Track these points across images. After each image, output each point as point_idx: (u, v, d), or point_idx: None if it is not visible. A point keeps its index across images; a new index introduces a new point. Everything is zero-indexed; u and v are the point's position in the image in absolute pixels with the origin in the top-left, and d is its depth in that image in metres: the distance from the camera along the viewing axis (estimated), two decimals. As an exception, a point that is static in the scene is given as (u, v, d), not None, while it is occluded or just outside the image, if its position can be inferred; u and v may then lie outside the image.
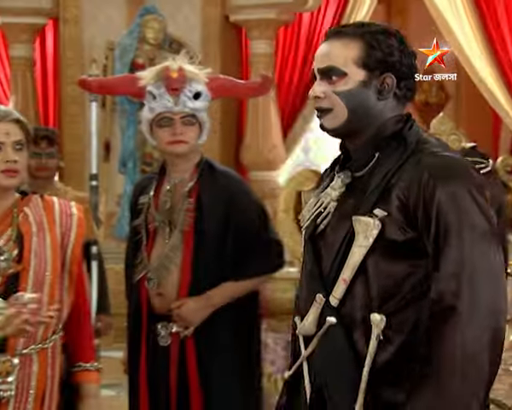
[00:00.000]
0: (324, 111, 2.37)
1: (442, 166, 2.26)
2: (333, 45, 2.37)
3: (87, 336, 3.15)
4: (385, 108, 2.37)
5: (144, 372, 3.69)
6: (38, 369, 2.93)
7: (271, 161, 8.09)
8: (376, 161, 2.34)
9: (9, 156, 2.92)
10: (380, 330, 2.25)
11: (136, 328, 3.72)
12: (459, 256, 2.20)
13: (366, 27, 2.39)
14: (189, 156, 3.72)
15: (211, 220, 3.67)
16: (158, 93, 3.65)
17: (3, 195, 2.98)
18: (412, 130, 2.36)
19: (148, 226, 3.74)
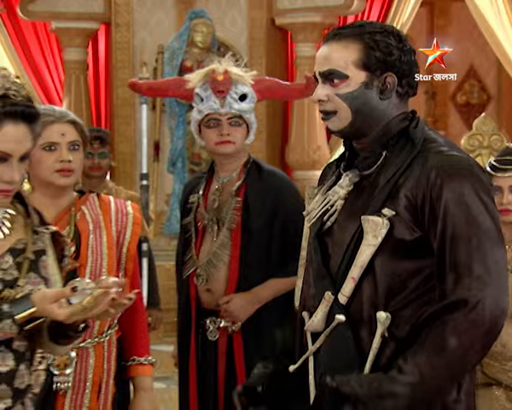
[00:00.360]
0: (329, 114, 2.35)
1: (449, 165, 2.24)
2: (332, 48, 2.34)
3: (141, 330, 3.17)
4: (388, 107, 2.35)
5: (194, 366, 3.72)
6: (95, 362, 2.96)
7: (316, 160, 8.08)
8: (384, 160, 2.33)
9: (64, 156, 2.95)
10: (385, 328, 2.24)
11: (186, 323, 3.74)
12: (466, 255, 2.17)
13: (364, 28, 2.36)
14: (237, 156, 3.73)
15: (258, 219, 3.68)
16: (205, 95, 3.69)
17: (60, 193, 3.01)
18: (418, 127, 2.34)
19: (198, 224, 3.76)
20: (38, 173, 2.97)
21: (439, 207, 2.21)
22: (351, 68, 2.31)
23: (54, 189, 2.98)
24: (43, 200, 2.96)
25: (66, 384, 2.90)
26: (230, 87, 3.67)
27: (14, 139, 2.22)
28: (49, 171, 2.95)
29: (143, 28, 8.40)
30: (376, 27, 2.35)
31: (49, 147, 2.95)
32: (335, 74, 2.31)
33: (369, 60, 2.31)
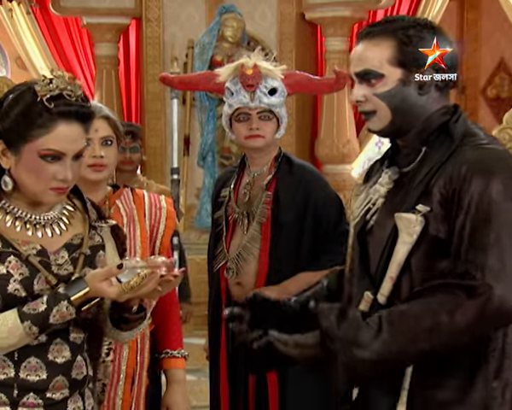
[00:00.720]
0: (368, 114, 2.30)
1: (481, 160, 2.18)
2: (365, 47, 2.28)
3: (174, 324, 3.18)
4: (428, 102, 2.28)
5: (224, 358, 3.71)
6: (128, 354, 2.97)
7: (345, 154, 8.06)
8: (423, 156, 2.27)
9: (96, 152, 2.96)
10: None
11: (216, 316, 3.73)
12: (483, 249, 2.12)
13: (396, 23, 2.29)
14: (267, 150, 3.72)
15: (288, 212, 3.67)
16: (235, 89, 3.67)
17: (93, 188, 3.01)
18: (459, 122, 2.27)
19: (228, 218, 3.75)
20: None
21: (465, 199, 2.15)
22: (386, 67, 2.25)
23: (87, 183, 2.97)
24: None
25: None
26: (260, 81, 3.65)
27: (67, 139, 2.24)
28: (81, 166, 2.95)
29: (174, 23, 8.40)
30: (409, 22, 2.29)
31: None
32: (371, 74, 2.26)
33: (403, 56, 2.25)
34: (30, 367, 2.26)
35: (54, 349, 2.29)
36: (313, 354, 2.21)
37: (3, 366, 2.24)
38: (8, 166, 2.26)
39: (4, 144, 2.25)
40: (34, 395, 2.26)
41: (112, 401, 2.92)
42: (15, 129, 2.22)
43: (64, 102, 2.20)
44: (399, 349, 2.14)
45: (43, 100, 2.19)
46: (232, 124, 3.73)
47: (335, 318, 2.16)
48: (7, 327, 2.20)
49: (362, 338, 2.13)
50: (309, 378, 3.66)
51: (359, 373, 2.17)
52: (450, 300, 2.11)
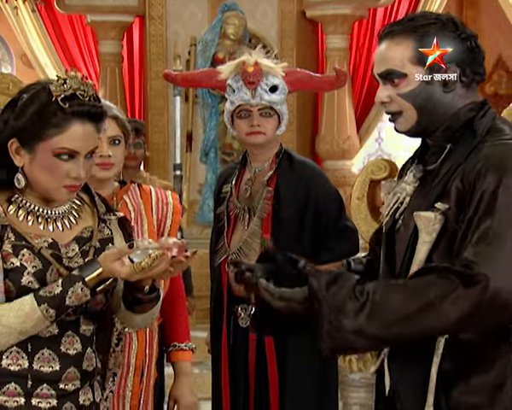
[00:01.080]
0: (395, 114, 2.25)
1: (498, 156, 2.12)
2: (387, 48, 2.22)
3: (182, 317, 3.20)
4: (454, 99, 2.22)
5: (225, 351, 3.72)
6: (137, 347, 2.98)
7: (346, 150, 8.06)
8: (448, 154, 2.21)
9: (104, 151, 2.96)
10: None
11: (218, 310, 3.74)
12: (485, 243, 2.05)
13: (416, 21, 2.22)
14: (268, 147, 3.72)
15: (289, 208, 3.66)
16: (236, 86, 3.67)
17: (101, 185, 3.01)
18: (484, 118, 2.20)
19: (230, 213, 3.75)
20: None
21: (476, 195, 2.10)
22: (408, 66, 2.19)
23: (94, 180, 2.97)
24: None
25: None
26: (261, 78, 3.64)
27: (81, 138, 2.25)
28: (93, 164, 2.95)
29: (177, 21, 8.39)
30: (430, 19, 2.22)
31: None
32: (393, 74, 2.20)
33: (425, 54, 2.19)
34: (43, 359, 2.27)
35: (66, 341, 2.30)
36: (299, 310, 2.19)
37: (17, 357, 2.25)
38: (21, 163, 2.27)
39: (18, 143, 2.26)
40: (47, 386, 2.27)
41: (122, 393, 2.94)
42: (30, 128, 2.23)
43: (78, 102, 2.22)
44: (379, 329, 2.09)
45: (57, 100, 2.20)
46: (234, 120, 3.73)
47: (326, 281, 2.13)
48: (24, 311, 2.20)
49: (348, 308, 2.09)
50: (309, 369, 3.68)
51: (341, 341, 2.12)
52: (444, 284, 2.06)
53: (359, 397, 5.83)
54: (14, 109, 2.25)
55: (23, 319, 2.20)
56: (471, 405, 2.16)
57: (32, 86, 2.29)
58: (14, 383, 2.24)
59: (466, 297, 2.04)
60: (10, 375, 2.24)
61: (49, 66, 8.64)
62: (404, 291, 2.10)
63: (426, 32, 2.20)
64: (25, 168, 2.28)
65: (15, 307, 2.21)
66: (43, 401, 2.26)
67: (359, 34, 8.34)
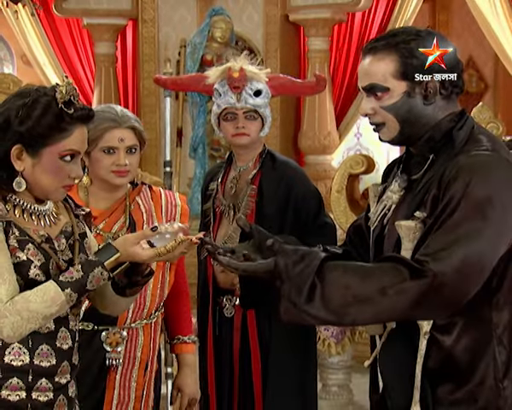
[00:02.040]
0: (378, 125, 2.24)
1: (470, 166, 2.10)
2: (370, 63, 2.21)
3: (185, 312, 3.17)
4: (435, 111, 2.20)
5: (211, 340, 3.71)
6: (143, 341, 2.96)
7: (326, 146, 8.05)
8: (430, 164, 2.19)
9: (121, 160, 2.91)
10: (426, 331, 2.14)
11: (204, 300, 3.73)
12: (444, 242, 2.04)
13: (398, 37, 2.20)
14: (252, 147, 3.72)
15: (271, 205, 3.67)
16: (222, 91, 3.68)
17: (115, 189, 2.99)
18: (462, 129, 2.18)
19: (216, 210, 3.75)
20: (97, 172, 2.95)
21: (445, 199, 2.09)
22: (390, 80, 2.19)
23: (109, 185, 2.96)
24: (99, 192, 2.98)
25: (118, 361, 2.91)
26: (246, 83, 3.65)
27: (83, 139, 2.28)
28: (106, 171, 2.93)
29: (167, 24, 8.34)
30: (411, 34, 2.20)
31: (109, 150, 2.92)
32: (376, 88, 2.20)
33: (406, 69, 2.17)
34: (42, 354, 2.26)
35: (60, 337, 2.30)
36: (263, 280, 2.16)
37: (19, 353, 2.24)
38: (21, 168, 2.24)
39: (22, 148, 2.23)
40: (46, 380, 2.26)
41: (127, 384, 2.92)
42: (37, 135, 2.22)
43: (75, 106, 2.22)
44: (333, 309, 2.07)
45: (62, 106, 2.20)
46: (220, 122, 3.73)
47: (292, 261, 2.10)
48: (50, 296, 2.19)
49: (306, 287, 2.07)
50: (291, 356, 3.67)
51: (296, 317, 2.10)
52: (394, 274, 2.05)
53: (337, 379, 5.86)
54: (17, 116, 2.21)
55: (49, 303, 2.18)
56: (455, 401, 2.16)
57: (32, 93, 2.25)
58: (17, 378, 2.23)
59: (411, 289, 2.03)
60: (13, 370, 2.23)
61: (48, 66, 8.58)
62: (360, 274, 2.08)
63: (407, 47, 2.18)
64: (25, 172, 2.25)
65: (40, 293, 2.20)
66: (41, 395, 2.26)
67: (339, 36, 8.31)
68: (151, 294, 2.94)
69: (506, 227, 2.08)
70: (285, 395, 3.67)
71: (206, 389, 3.71)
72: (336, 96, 8.26)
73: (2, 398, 2.21)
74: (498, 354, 2.14)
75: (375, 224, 2.31)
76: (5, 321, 2.15)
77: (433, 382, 2.16)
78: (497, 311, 2.14)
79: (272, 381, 3.65)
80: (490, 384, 2.13)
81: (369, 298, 2.05)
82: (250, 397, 3.67)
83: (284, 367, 3.68)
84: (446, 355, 2.15)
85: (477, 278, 2.07)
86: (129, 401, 2.91)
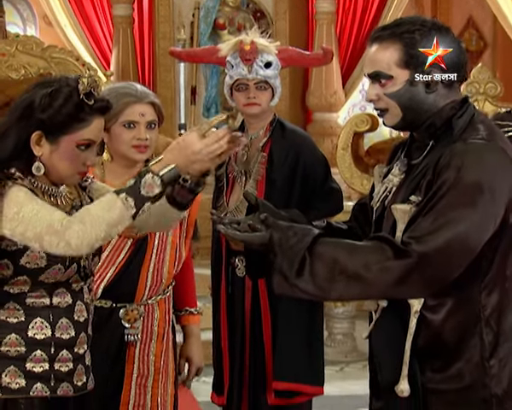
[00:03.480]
0: (382, 111, 2.21)
1: (463, 154, 2.07)
2: (375, 51, 2.19)
3: (191, 285, 3.15)
4: (436, 99, 2.17)
5: (224, 297, 3.73)
6: (159, 315, 2.94)
7: (332, 104, 7.99)
8: (429, 150, 2.17)
9: (142, 135, 2.85)
10: (417, 310, 2.12)
11: (218, 260, 3.76)
12: (431, 224, 2.02)
13: (402, 27, 2.17)
14: (263, 116, 3.73)
15: (280, 172, 3.68)
16: (234, 63, 3.69)
17: (134, 164, 2.92)
18: (462, 117, 2.16)
19: (229, 175, 3.78)
20: (117, 147, 2.89)
21: (436, 184, 2.07)
22: (394, 69, 2.15)
23: (129, 161, 2.91)
24: (118, 168, 2.92)
25: (136, 336, 2.88)
26: (257, 56, 3.66)
27: (99, 129, 2.26)
28: (126, 146, 2.86)
29: (182, -14, 8.24)
30: (415, 25, 2.17)
31: (129, 125, 2.85)
32: (381, 75, 2.17)
33: (410, 58, 2.14)
34: (62, 327, 2.27)
35: (77, 310, 2.30)
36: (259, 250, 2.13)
37: (42, 327, 2.24)
38: (40, 153, 2.23)
39: (42, 134, 2.21)
40: (67, 352, 2.28)
41: (146, 358, 2.90)
42: (57, 123, 2.20)
43: (96, 98, 2.21)
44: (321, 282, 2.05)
45: (83, 97, 2.19)
46: (232, 93, 3.75)
47: (286, 237, 2.07)
48: (105, 201, 2.14)
49: (296, 262, 2.05)
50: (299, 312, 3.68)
51: (287, 290, 2.07)
52: (380, 253, 2.03)
53: (342, 328, 5.91)
54: (40, 104, 2.19)
55: (107, 207, 2.12)
56: (442, 378, 2.15)
57: (54, 82, 2.24)
58: (40, 351, 2.24)
59: (395, 268, 2.02)
60: (37, 343, 2.24)
61: (68, 27, 8.50)
62: (348, 250, 2.07)
63: (412, 37, 2.15)
64: (43, 157, 2.24)
65: (97, 202, 2.18)
66: (63, 365, 2.28)
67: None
68: (167, 271, 2.92)
69: (493, 213, 2.06)
70: (293, 345, 3.70)
71: (219, 344, 3.75)
72: (342, 56, 8.19)
73: (28, 370, 2.23)
74: (486, 335, 2.12)
75: (377, 205, 2.30)
76: (70, 232, 2.11)
77: (421, 359, 2.16)
78: (486, 293, 2.13)
79: (281, 332, 3.69)
80: (476, 363, 2.13)
81: (355, 274, 2.03)
82: (260, 349, 3.71)
83: (292, 319, 3.71)
84: (435, 334, 2.14)
85: (460, 260, 2.05)
86: (148, 374, 2.90)
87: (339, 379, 5.40)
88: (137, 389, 2.89)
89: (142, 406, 2.90)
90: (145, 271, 2.87)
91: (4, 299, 2.23)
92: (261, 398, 3.71)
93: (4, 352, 2.22)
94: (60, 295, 2.26)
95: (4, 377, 2.21)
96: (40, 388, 2.23)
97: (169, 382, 2.98)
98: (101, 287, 2.85)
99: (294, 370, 3.69)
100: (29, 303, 2.24)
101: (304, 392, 3.74)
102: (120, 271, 2.86)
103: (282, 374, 3.67)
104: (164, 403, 2.95)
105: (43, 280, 2.23)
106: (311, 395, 3.79)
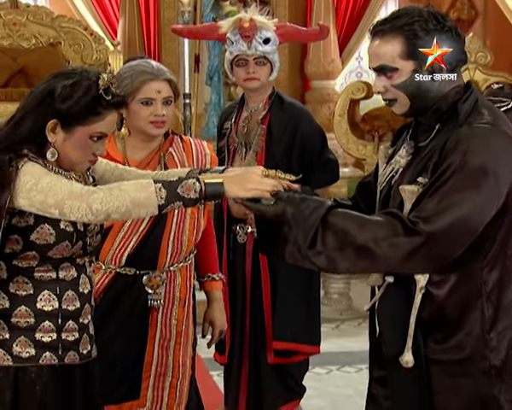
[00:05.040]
0: (391, 101, 2.20)
1: (469, 137, 2.07)
2: (378, 45, 2.17)
3: (213, 252, 3.12)
4: (441, 84, 2.16)
5: (225, 263, 3.74)
6: (181, 281, 2.93)
7: (330, 72, 7.94)
8: (436, 133, 2.17)
9: (158, 111, 2.82)
10: (422, 285, 2.13)
11: (220, 228, 3.75)
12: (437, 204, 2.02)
13: (401, 19, 2.16)
14: (262, 90, 3.71)
15: (279, 143, 3.66)
16: (234, 39, 3.66)
17: (151, 139, 2.90)
18: (467, 102, 2.15)
19: (230, 147, 3.76)
20: (135, 123, 2.86)
21: (443, 166, 2.07)
22: (398, 61, 2.14)
23: (147, 135, 2.88)
24: (136, 143, 2.89)
25: (159, 301, 2.88)
26: (255, 32, 3.64)
27: (112, 123, 2.25)
28: (144, 122, 2.83)
29: (186, -42, 8.12)
30: (413, 16, 2.15)
31: (146, 102, 2.82)
32: (386, 68, 2.16)
33: (412, 49, 2.13)
34: (68, 299, 2.27)
35: (82, 282, 2.31)
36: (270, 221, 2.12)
37: (49, 299, 2.25)
38: (53, 140, 2.22)
39: (58, 122, 2.20)
40: (73, 322, 2.28)
41: (168, 322, 2.91)
42: (74, 113, 2.19)
43: (113, 93, 2.20)
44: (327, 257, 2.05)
45: (102, 92, 2.18)
46: (233, 68, 3.72)
47: (299, 210, 2.06)
48: (141, 183, 2.12)
49: (310, 234, 2.04)
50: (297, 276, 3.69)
51: (299, 261, 2.07)
52: (389, 228, 2.03)
53: (338, 287, 5.92)
54: (60, 94, 2.18)
55: (139, 187, 2.10)
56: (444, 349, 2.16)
57: (74, 73, 2.22)
58: (48, 321, 2.25)
59: (403, 244, 2.02)
60: (45, 314, 2.25)
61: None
62: (358, 223, 2.06)
63: (412, 29, 2.13)
64: (56, 144, 2.23)
65: (132, 181, 2.17)
66: (69, 335, 2.29)
67: (343, -32, 8.10)
68: (187, 239, 2.90)
69: (496, 195, 2.07)
70: (292, 307, 3.72)
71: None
72: (340, 25, 8.12)
73: (37, 340, 2.24)
74: (486, 309, 2.14)
75: (383, 185, 2.29)
76: (95, 197, 2.09)
77: (425, 331, 2.17)
78: (488, 270, 2.14)
79: (280, 295, 3.70)
80: (477, 335, 2.14)
81: (364, 246, 2.03)
82: (260, 311, 3.73)
83: (291, 283, 3.72)
84: (438, 308, 2.15)
85: (463, 240, 2.06)
86: (170, 337, 2.90)
87: (334, 336, 5.42)
88: (160, 350, 2.90)
89: (165, 366, 2.92)
90: (166, 239, 2.86)
91: (13, 273, 2.23)
92: (261, 357, 3.73)
93: (15, 323, 2.23)
94: (65, 269, 2.26)
95: (15, 347, 2.22)
96: (49, 356, 2.25)
97: (189, 344, 2.99)
98: (125, 255, 2.85)
99: (293, 330, 3.72)
100: (37, 277, 2.24)
101: (302, 351, 3.77)
102: (143, 239, 2.85)
103: (281, 334, 3.69)
104: (184, 363, 2.96)
105: (51, 256, 2.23)
106: (308, 354, 3.82)
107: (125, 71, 2.84)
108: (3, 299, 2.23)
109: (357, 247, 2.03)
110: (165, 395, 2.94)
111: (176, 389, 2.96)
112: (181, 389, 2.97)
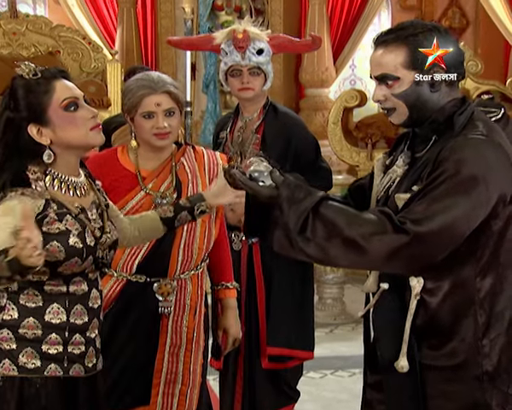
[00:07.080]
0: (389, 110, 2.21)
1: (463, 147, 2.07)
2: (381, 54, 2.18)
3: (227, 261, 3.10)
4: (440, 96, 2.17)
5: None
6: (192, 289, 2.91)
7: (324, 80, 7.95)
8: (432, 144, 2.17)
9: (159, 123, 2.80)
10: (417, 292, 2.12)
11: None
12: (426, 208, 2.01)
13: (406, 30, 2.16)
14: (256, 100, 3.70)
15: (273, 152, 3.61)
16: (228, 50, 3.66)
17: (160, 150, 2.88)
18: (463, 115, 2.15)
19: (225, 156, 3.74)
20: (141, 135, 2.85)
21: (435, 172, 2.07)
22: (400, 70, 2.15)
23: (154, 147, 2.86)
24: (146, 154, 2.88)
25: (169, 309, 2.86)
26: (249, 43, 3.64)
27: (68, 89, 2.22)
28: (148, 134, 2.82)
29: (183, -31, 8.12)
30: (417, 28, 2.15)
31: (148, 115, 2.80)
32: (388, 77, 2.17)
33: (415, 60, 2.13)
34: (77, 313, 2.25)
35: (92, 297, 2.29)
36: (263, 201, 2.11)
37: (58, 312, 2.22)
38: (47, 141, 2.19)
39: (37, 124, 2.18)
40: (79, 335, 2.26)
41: (179, 330, 2.89)
42: (31, 107, 2.17)
43: (41, 71, 2.20)
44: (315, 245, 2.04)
45: (30, 77, 2.18)
46: (227, 78, 3.71)
47: (293, 194, 2.05)
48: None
49: (300, 222, 2.03)
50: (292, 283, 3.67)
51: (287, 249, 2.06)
52: (379, 225, 2.02)
53: (331, 293, 5.91)
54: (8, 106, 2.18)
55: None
56: (438, 355, 2.15)
57: (4, 95, 2.22)
58: (55, 334, 2.22)
59: (391, 241, 2.01)
60: (53, 327, 2.22)
61: (76, 6, 8.40)
62: (348, 216, 2.06)
63: (416, 40, 2.14)
64: (53, 142, 2.20)
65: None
66: (75, 348, 2.26)
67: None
68: (198, 247, 2.88)
69: (485, 203, 2.06)
70: (286, 313, 3.70)
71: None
72: (334, 34, 8.12)
73: (43, 352, 2.21)
74: (479, 316, 2.13)
75: (381, 194, 2.29)
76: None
77: (419, 338, 2.16)
78: (481, 278, 2.13)
79: (275, 301, 3.68)
80: (470, 342, 2.13)
81: (352, 240, 2.02)
82: (255, 317, 3.71)
83: (285, 290, 3.70)
84: (432, 315, 2.15)
85: (448, 244, 2.06)
86: (181, 344, 2.88)
87: (328, 341, 5.41)
88: (170, 357, 2.88)
89: (175, 373, 2.90)
90: (176, 247, 2.85)
91: (24, 285, 2.20)
92: (256, 362, 3.71)
93: (22, 334, 2.20)
94: (76, 283, 2.24)
95: (21, 358, 2.20)
96: (54, 368, 2.22)
97: (199, 352, 2.96)
98: (136, 263, 2.84)
99: (287, 336, 3.70)
100: (47, 290, 2.21)
101: (296, 357, 3.75)
102: (153, 247, 2.83)
103: (276, 340, 3.68)
104: (194, 371, 2.94)
105: (62, 271, 2.20)
106: (302, 360, 3.80)
107: (129, 85, 2.86)
108: (12, 310, 2.21)
109: (343, 238, 2.02)
110: (175, 402, 2.92)
111: (186, 396, 2.93)
112: (191, 397, 2.95)
